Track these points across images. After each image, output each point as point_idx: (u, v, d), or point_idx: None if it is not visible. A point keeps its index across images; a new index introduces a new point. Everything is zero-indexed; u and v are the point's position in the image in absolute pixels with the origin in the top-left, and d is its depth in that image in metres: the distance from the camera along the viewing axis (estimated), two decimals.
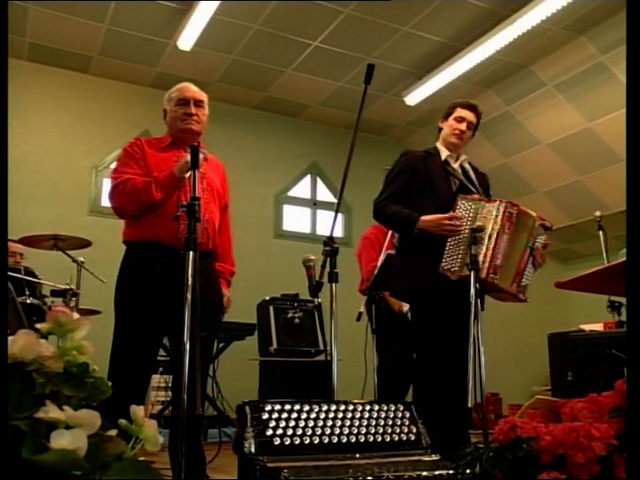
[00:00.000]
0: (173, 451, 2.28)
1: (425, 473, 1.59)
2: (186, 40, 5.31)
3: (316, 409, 1.72)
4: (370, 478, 1.52)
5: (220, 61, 5.79)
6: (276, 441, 1.61)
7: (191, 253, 1.93)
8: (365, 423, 1.76)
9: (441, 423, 2.49)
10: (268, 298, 4.91)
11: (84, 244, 4.10)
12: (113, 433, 0.96)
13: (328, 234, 2.34)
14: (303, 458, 1.61)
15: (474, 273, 2.48)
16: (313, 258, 2.45)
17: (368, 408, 1.80)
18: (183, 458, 1.78)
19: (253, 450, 1.58)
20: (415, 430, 1.82)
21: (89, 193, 5.85)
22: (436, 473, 1.59)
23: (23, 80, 5.55)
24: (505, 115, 6.27)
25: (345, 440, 1.70)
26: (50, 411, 0.88)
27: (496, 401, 6.51)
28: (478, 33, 5.24)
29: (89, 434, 0.89)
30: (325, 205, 7.00)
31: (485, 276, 2.61)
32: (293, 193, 6.90)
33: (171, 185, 2.38)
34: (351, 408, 1.78)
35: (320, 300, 2.42)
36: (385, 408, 1.83)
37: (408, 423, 1.82)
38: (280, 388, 4.57)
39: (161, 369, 4.61)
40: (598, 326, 4.11)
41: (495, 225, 2.68)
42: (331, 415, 1.73)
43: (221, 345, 4.83)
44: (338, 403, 1.78)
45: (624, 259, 1.79)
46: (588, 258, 6.89)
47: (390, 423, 1.80)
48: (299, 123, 6.95)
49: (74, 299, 4.01)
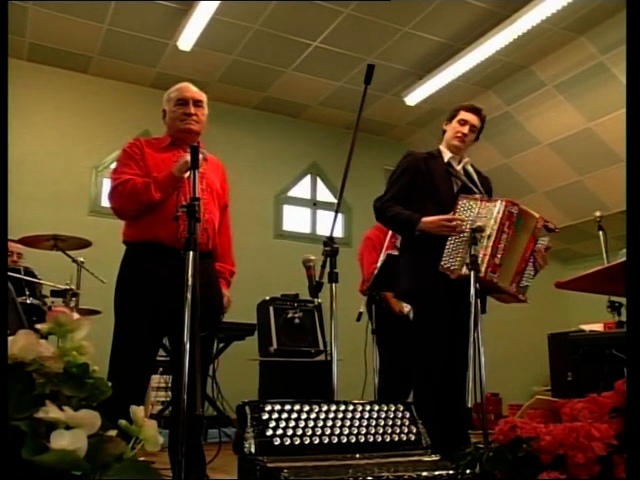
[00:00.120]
0: (173, 451, 2.28)
1: (425, 473, 1.59)
2: (186, 40, 5.32)
3: (316, 409, 1.72)
4: (370, 478, 1.52)
5: (220, 61, 5.80)
6: (276, 441, 1.61)
7: (191, 253, 1.94)
8: (365, 423, 1.76)
9: (441, 423, 2.49)
10: (268, 298, 4.91)
11: (84, 244, 4.10)
12: (113, 433, 0.96)
13: (328, 234, 2.34)
14: (303, 458, 1.61)
15: (474, 273, 2.48)
16: (313, 258, 2.45)
17: (368, 408, 1.80)
18: (183, 458, 1.78)
19: (253, 450, 1.58)
20: (415, 430, 1.82)
21: (89, 193, 5.85)
22: (436, 473, 1.59)
23: (23, 80, 5.55)
24: (505, 115, 6.27)
25: (345, 440, 1.70)
26: (50, 411, 0.89)
27: (496, 401, 6.51)
28: (478, 33, 5.24)
29: (89, 434, 0.89)
30: (325, 205, 7.00)
31: (484, 275, 2.61)
32: (293, 193, 6.90)
33: (170, 185, 2.38)
34: (351, 408, 1.78)
35: (320, 300, 2.42)
36: (385, 408, 1.83)
37: (408, 423, 1.82)
38: (280, 388, 4.57)
39: (161, 369, 4.61)
40: (598, 326, 4.11)
41: (495, 224, 2.67)
42: (331, 415, 1.73)
43: (221, 345, 4.83)
44: (338, 403, 1.78)
45: (624, 259, 1.79)
46: (588, 258, 6.90)
47: (390, 423, 1.80)
48: (299, 123, 6.95)
49: (74, 299, 4.01)
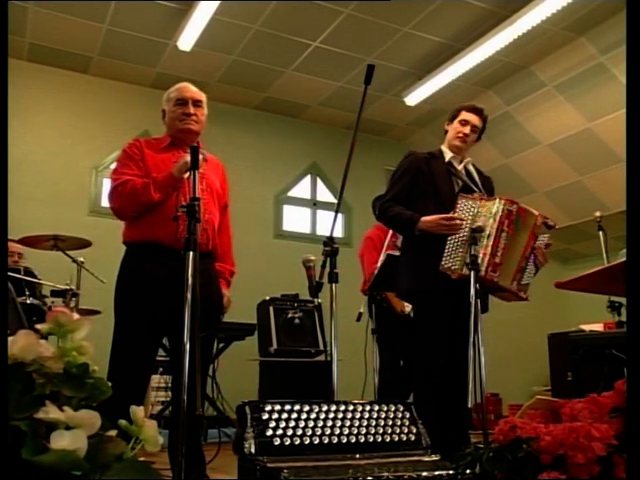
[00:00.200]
0: (173, 451, 2.28)
1: (425, 473, 1.59)
2: (186, 40, 5.32)
3: (316, 409, 1.72)
4: (370, 478, 1.52)
5: (220, 61, 5.80)
6: (276, 441, 1.61)
7: (191, 253, 1.94)
8: (365, 423, 1.76)
9: (442, 423, 2.49)
10: (268, 298, 4.91)
11: (84, 244, 4.10)
12: (113, 433, 0.96)
13: (328, 234, 2.34)
14: (303, 458, 1.61)
15: (474, 273, 2.48)
16: (313, 258, 2.45)
17: (368, 408, 1.80)
18: (183, 458, 1.78)
19: (253, 450, 1.58)
20: (415, 430, 1.82)
21: (89, 193, 5.85)
22: (436, 473, 1.59)
23: (23, 80, 5.55)
24: (505, 115, 6.27)
25: (345, 440, 1.70)
26: (50, 412, 0.89)
27: (496, 401, 6.51)
28: (478, 33, 5.24)
29: (89, 434, 0.89)
30: (325, 205, 7.00)
31: (484, 273, 2.61)
32: (293, 193, 6.90)
33: (170, 186, 2.38)
34: (351, 408, 1.78)
35: (320, 300, 2.42)
36: (385, 408, 1.83)
37: (408, 423, 1.82)
38: (280, 388, 4.57)
39: (161, 369, 4.61)
40: (598, 326, 4.11)
41: (494, 223, 2.68)
42: (331, 415, 1.73)
43: (221, 345, 4.83)
44: (338, 403, 1.78)
45: (624, 259, 1.79)
46: (588, 258, 6.90)
47: (390, 423, 1.79)
48: (299, 123, 6.95)
49: (74, 299, 4.01)
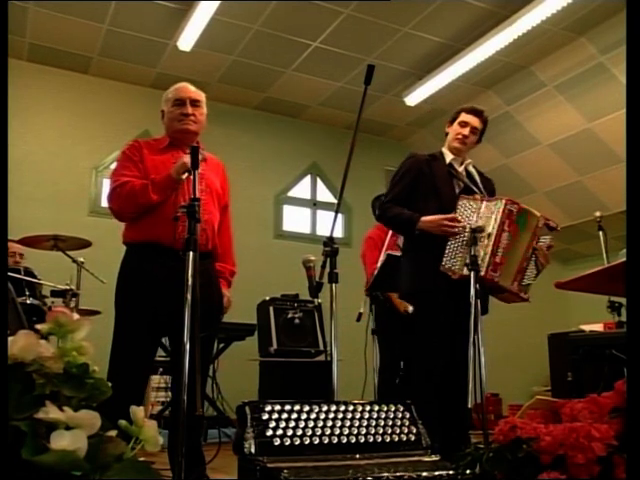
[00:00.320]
0: (173, 451, 2.28)
1: (425, 474, 1.59)
2: (186, 40, 5.32)
3: (316, 409, 1.72)
4: (370, 478, 1.52)
5: (220, 61, 5.80)
6: (276, 441, 1.61)
7: (191, 254, 1.94)
8: (365, 424, 1.76)
9: (441, 423, 2.49)
10: (268, 298, 4.91)
11: (84, 244, 4.10)
12: (113, 434, 0.96)
13: (328, 234, 2.34)
14: (303, 458, 1.60)
15: (474, 274, 2.48)
16: (313, 259, 2.44)
17: (368, 409, 1.80)
18: (183, 458, 1.78)
19: (253, 450, 1.58)
20: (415, 430, 1.82)
21: (89, 193, 5.85)
22: (436, 474, 1.59)
23: (23, 80, 5.55)
24: (505, 115, 6.27)
25: (345, 440, 1.69)
26: (50, 412, 0.89)
27: (496, 401, 6.51)
28: (478, 34, 5.24)
29: (89, 435, 0.89)
30: (325, 205, 6.99)
31: (485, 273, 2.61)
32: (293, 193, 6.90)
33: (168, 187, 2.38)
34: (351, 409, 1.78)
35: (320, 300, 2.42)
36: (385, 409, 1.83)
37: (408, 424, 1.82)
38: (280, 388, 4.57)
39: (161, 370, 4.62)
40: (598, 326, 4.11)
41: (495, 223, 2.68)
42: (331, 416, 1.73)
43: (221, 345, 4.83)
44: (338, 403, 1.78)
45: (624, 259, 1.79)
46: (588, 258, 6.89)
47: (390, 424, 1.79)
48: (299, 123, 6.95)
49: (74, 299, 4.01)
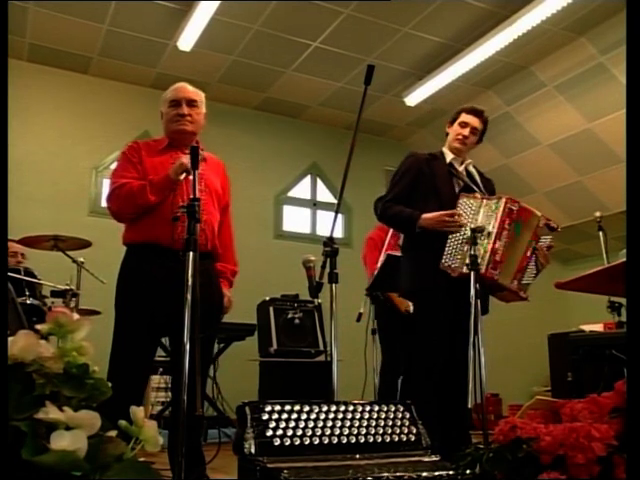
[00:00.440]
0: (173, 452, 2.28)
1: (425, 474, 1.59)
2: (186, 41, 5.32)
3: (316, 410, 1.72)
4: (370, 479, 1.52)
5: (220, 62, 5.80)
6: (276, 442, 1.61)
7: (191, 254, 1.94)
8: (365, 424, 1.76)
9: (441, 423, 2.49)
10: (268, 299, 4.91)
11: (84, 245, 4.10)
12: (113, 434, 0.96)
13: (328, 235, 2.34)
14: (303, 459, 1.60)
15: (474, 273, 2.48)
16: (313, 259, 2.44)
17: (368, 409, 1.80)
18: (183, 459, 1.78)
19: (253, 451, 1.58)
20: (415, 431, 1.81)
21: (89, 194, 5.85)
22: (436, 474, 1.59)
23: (23, 80, 5.55)
24: (505, 116, 6.27)
25: (345, 441, 1.69)
26: (50, 412, 0.88)
27: (496, 402, 6.51)
28: (478, 34, 5.24)
29: (89, 435, 0.89)
30: (325, 206, 6.99)
31: (485, 271, 2.61)
32: (293, 194, 6.90)
33: (166, 187, 2.39)
34: (351, 409, 1.77)
35: (320, 301, 2.42)
36: (385, 409, 1.83)
37: (408, 424, 1.82)
38: (280, 389, 4.57)
39: (161, 370, 4.61)
40: (598, 327, 4.11)
41: (496, 221, 2.68)
42: (331, 416, 1.73)
43: (221, 346, 4.83)
44: (338, 404, 1.78)
45: (624, 260, 1.79)
46: (588, 259, 6.89)
47: (390, 424, 1.79)
48: (299, 124, 6.95)
49: (74, 300, 4.01)
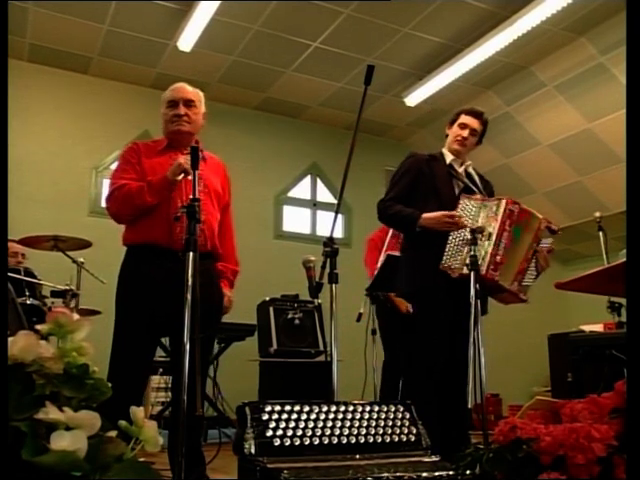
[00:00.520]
0: (173, 452, 2.28)
1: (425, 474, 1.59)
2: (186, 41, 5.32)
3: (316, 410, 1.72)
4: (370, 479, 1.52)
5: (220, 62, 5.80)
6: (276, 442, 1.61)
7: (191, 254, 1.94)
8: (365, 424, 1.76)
9: (441, 423, 2.49)
10: (268, 299, 4.91)
11: (84, 245, 4.10)
12: (113, 434, 0.96)
13: (328, 235, 2.34)
14: (303, 459, 1.60)
15: (474, 274, 2.48)
16: (313, 259, 2.44)
17: (368, 409, 1.80)
18: (183, 459, 1.78)
19: (253, 451, 1.58)
20: (415, 431, 1.81)
21: (89, 194, 5.84)
22: (436, 474, 1.59)
23: (23, 81, 5.55)
24: (505, 116, 6.27)
25: (345, 441, 1.69)
26: (50, 412, 0.88)
27: (496, 402, 6.51)
28: (478, 34, 5.24)
29: (89, 435, 0.89)
30: (325, 206, 6.99)
31: (485, 272, 2.61)
32: (293, 194, 6.90)
33: (164, 188, 2.39)
34: (351, 409, 1.77)
35: (320, 301, 2.42)
36: (385, 409, 1.83)
37: (408, 424, 1.82)
38: (280, 389, 4.57)
39: (161, 370, 4.61)
40: (598, 327, 4.11)
41: (496, 222, 2.68)
42: (331, 416, 1.73)
43: (221, 346, 4.83)
44: (338, 404, 1.78)
45: (624, 260, 1.79)
46: (588, 259, 6.89)
47: (390, 424, 1.79)
48: (299, 124, 6.95)
49: (74, 300, 4.00)
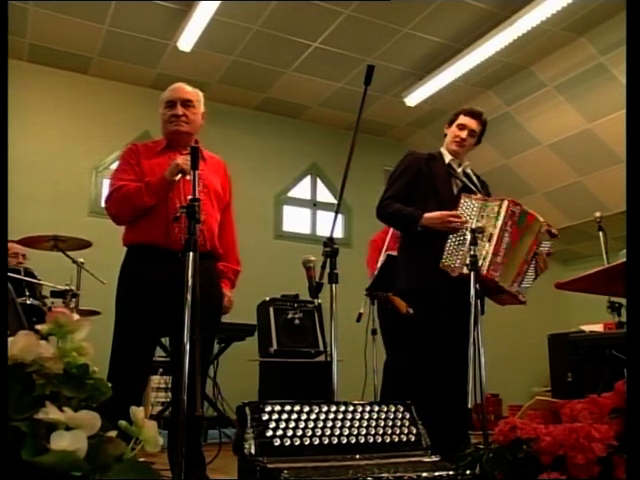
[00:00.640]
0: (173, 452, 2.28)
1: (425, 474, 1.59)
2: (186, 41, 5.32)
3: (316, 410, 1.72)
4: (370, 479, 1.52)
5: (220, 62, 5.80)
6: (276, 442, 1.61)
7: (191, 254, 1.94)
8: (365, 424, 1.76)
9: (441, 423, 2.49)
10: (268, 299, 4.91)
11: (84, 245, 4.10)
12: (113, 434, 0.96)
13: (328, 235, 2.34)
14: (303, 459, 1.60)
15: (474, 274, 2.48)
16: (313, 259, 2.44)
17: (368, 409, 1.80)
18: (183, 459, 1.78)
19: (253, 451, 1.58)
20: (415, 431, 1.81)
21: (89, 194, 5.84)
22: (436, 474, 1.59)
23: (23, 81, 5.55)
24: (505, 116, 6.27)
25: (345, 441, 1.69)
26: (50, 412, 0.88)
27: (496, 402, 6.51)
28: (478, 34, 5.24)
29: (89, 435, 0.89)
30: (325, 206, 6.99)
31: (486, 272, 2.61)
32: (293, 194, 6.90)
33: (162, 189, 2.40)
34: (351, 409, 1.77)
35: (320, 301, 2.42)
36: (385, 409, 1.83)
37: (408, 424, 1.82)
38: (280, 389, 4.57)
39: (161, 370, 4.61)
40: (598, 327, 4.11)
41: (497, 223, 2.69)
42: (331, 416, 1.73)
43: (221, 346, 4.83)
44: (338, 404, 1.78)
45: (624, 260, 1.79)
46: (588, 259, 6.89)
47: (390, 424, 1.79)
48: (299, 124, 6.95)
49: (74, 300, 4.00)
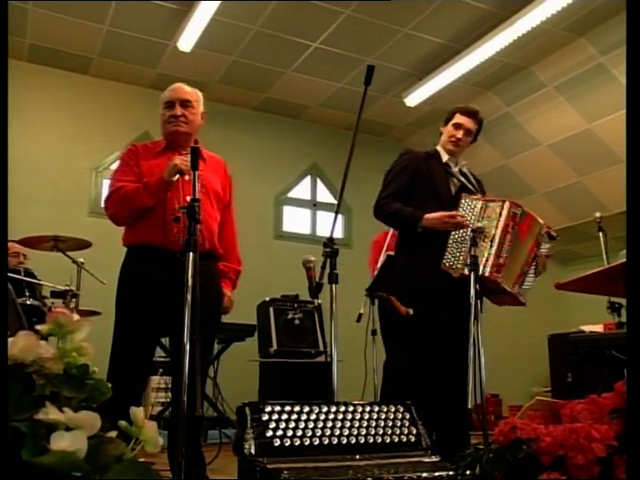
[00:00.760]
0: (173, 452, 2.28)
1: (425, 474, 1.59)
2: (186, 41, 5.32)
3: (316, 410, 1.72)
4: (370, 479, 1.52)
5: (220, 62, 5.80)
6: (276, 442, 1.61)
7: (191, 254, 1.94)
8: (365, 424, 1.76)
9: (441, 423, 2.49)
10: (268, 299, 4.91)
11: (84, 245, 4.10)
12: (113, 435, 0.96)
13: (328, 235, 2.34)
14: (303, 459, 1.60)
15: (474, 274, 2.48)
16: (313, 259, 2.44)
17: (368, 409, 1.80)
18: (183, 459, 1.78)
19: (253, 451, 1.58)
20: (415, 431, 1.81)
21: (89, 194, 5.84)
22: (436, 474, 1.59)
23: (23, 81, 5.55)
24: (505, 116, 6.27)
25: (345, 441, 1.69)
26: (50, 413, 0.88)
27: (496, 402, 6.51)
28: (478, 34, 5.24)
29: (89, 436, 0.89)
30: (325, 206, 6.99)
31: (489, 273, 2.61)
32: (293, 194, 6.90)
33: (160, 189, 2.40)
34: (351, 409, 1.78)
35: (320, 301, 2.42)
36: (385, 409, 1.83)
37: (408, 424, 1.82)
38: (280, 389, 4.57)
39: (161, 370, 4.61)
40: (598, 327, 4.11)
41: (499, 224, 2.69)
42: (331, 416, 1.73)
43: (221, 346, 4.83)
44: (338, 404, 1.78)
45: (624, 260, 1.79)
46: (588, 259, 6.89)
47: (390, 424, 1.79)
48: (299, 124, 6.95)
49: (74, 300, 4.00)
